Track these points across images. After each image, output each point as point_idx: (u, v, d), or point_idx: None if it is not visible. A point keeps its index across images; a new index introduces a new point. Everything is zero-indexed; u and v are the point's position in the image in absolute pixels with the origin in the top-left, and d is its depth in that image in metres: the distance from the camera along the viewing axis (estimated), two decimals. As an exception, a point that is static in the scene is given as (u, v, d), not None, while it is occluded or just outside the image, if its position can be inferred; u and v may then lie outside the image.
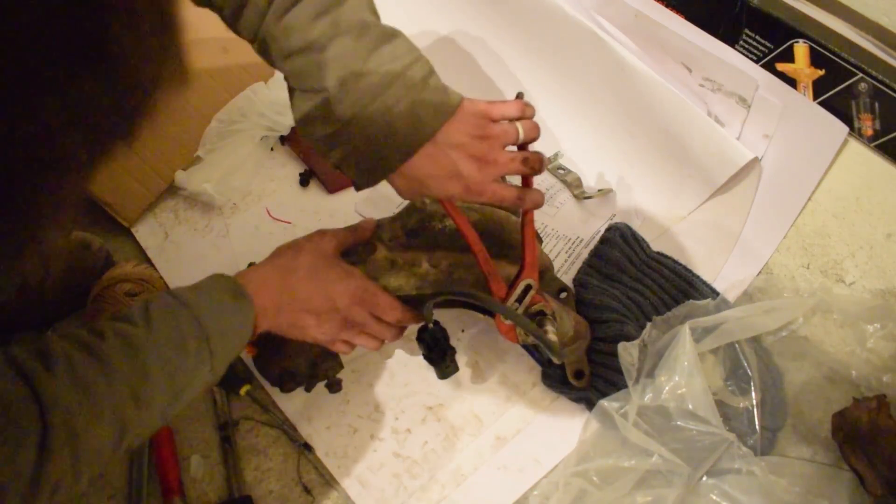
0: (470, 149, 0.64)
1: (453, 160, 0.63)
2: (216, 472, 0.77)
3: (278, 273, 0.68)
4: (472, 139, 0.64)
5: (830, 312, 0.82)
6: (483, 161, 0.64)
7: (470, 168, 0.64)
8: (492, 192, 0.65)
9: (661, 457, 0.70)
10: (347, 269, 0.70)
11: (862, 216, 0.88)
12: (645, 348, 0.77)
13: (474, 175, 0.64)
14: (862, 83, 0.85)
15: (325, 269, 0.69)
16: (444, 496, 0.75)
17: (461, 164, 0.63)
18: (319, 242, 0.71)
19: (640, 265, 0.87)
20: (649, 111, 0.89)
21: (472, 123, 0.64)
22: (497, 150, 0.65)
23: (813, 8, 0.89)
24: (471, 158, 0.64)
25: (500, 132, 0.65)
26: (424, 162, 0.63)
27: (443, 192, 0.65)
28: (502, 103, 0.66)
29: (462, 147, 0.63)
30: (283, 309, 0.66)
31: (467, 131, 0.63)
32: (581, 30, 0.90)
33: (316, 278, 0.68)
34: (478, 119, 0.64)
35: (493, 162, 0.65)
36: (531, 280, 0.70)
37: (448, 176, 0.64)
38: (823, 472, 0.73)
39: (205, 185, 0.93)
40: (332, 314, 0.68)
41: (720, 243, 0.88)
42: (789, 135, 0.88)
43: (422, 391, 0.81)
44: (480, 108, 0.65)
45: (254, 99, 0.97)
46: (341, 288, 0.69)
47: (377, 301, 0.70)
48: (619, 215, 0.91)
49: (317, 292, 0.68)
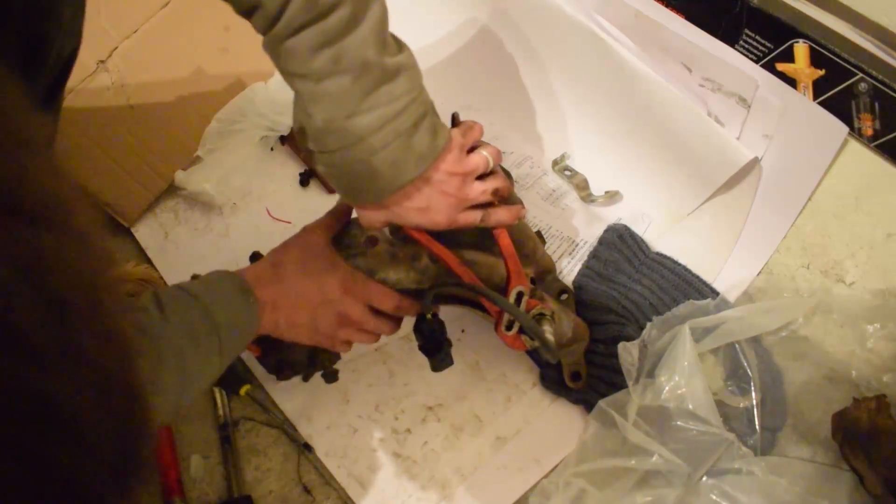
0: (444, 186, 0.65)
1: (426, 197, 0.65)
2: (216, 472, 0.77)
3: (270, 269, 0.68)
4: (448, 177, 0.65)
5: (830, 312, 0.82)
6: (455, 197, 0.66)
7: (441, 204, 0.66)
8: (459, 222, 0.68)
9: (661, 457, 0.70)
10: (334, 261, 0.70)
11: (862, 216, 0.88)
12: (645, 348, 0.77)
13: (446, 210, 0.66)
14: (862, 83, 0.85)
15: (312, 261, 0.69)
16: (444, 496, 0.75)
17: (433, 201, 0.65)
18: (307, 237, 0.71)
19: (640, 266, 0.87)
20: (649, 111, 0.89)
21: (450, 161, 0.65)
22: (469, 185, 0.67)
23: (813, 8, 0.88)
24: (444, 195, 0.65)
25: (473, 167, 0.67)
26: (398, 196, 0.64)
27: (411, 224, 0.67)
28: (471, 129, 0.69)
29: (438, 184, 0.65)
30: (278, 304, 0.66)
31: (445, 169, 0.65)
32: (581, 30, 0.90)
33: (305, 270, 0.68)
34: (455, 154, 0.66)
35: (465, 197, 0.67)
36: (521, 287, 0.71)
37: (418, 210, 0.66)
38: (823, 472, 0.73)
39: (205, 185, 0.93)
40: (325, 307, 0.68)
41: (720, 243, 0.88)
42: (789, 135, 0.88)
43: (422, 391, 0.81)
44: (458, 140, 0.66)
45: (254, 99, 0.97)
46: (330, 278, 0.69)
47: (369, 289, 0.70)
48: (626, 219, 0.91)
49: (307, 285, 0.68)
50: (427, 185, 0.64)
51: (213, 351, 0.59)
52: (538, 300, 0.72)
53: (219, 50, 1.00)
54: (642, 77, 0.87)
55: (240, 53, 1.00)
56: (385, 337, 0.83)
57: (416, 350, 0.83)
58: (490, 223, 0.70)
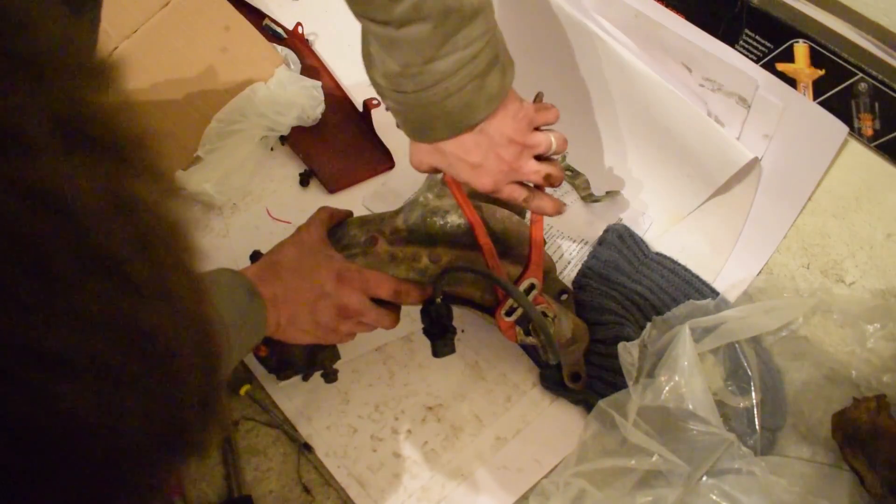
0: (502, 150, 0.65)
1: (483, 154, 0.65)
2: (216, 472, 0.77)
3: (268, 268, 0.68)
4: (509, 142, 0.65)
5: (830, 312, 0.82)
6: (510, 165, 0.66)
7: (494, 167, 0.66)
8: (504, 192, 0.68)
9: (661, 457, 0.70)
10: (328, 254, 0.70)
11: (862, 216, 0.88)
12: (645, 348, 0.77)
13: (496, 174, 0.66)
14: (862, 83, 0.85)
15: (307, 257, 0.69)
16: (444, 496, 0.75)
17: (488, 161, 0.65)
18: (301, 235, 0.71)
19: (639, 266, 0.87)
20: (649, 111, 0.89)
21: (516, 127, 0.65)
22: (526, 158, 0.67)
23: (813, 8, 0.89)
24: (499, 159, 0.66)
25: (535, 143, 0.67)
26: (457, 145, 0.65)
27: (461, 176, 0.67)
28: (546, 111, 0.69)
29: (498, 146, 0.65)
30: (278, 302, 0.66)
31: (508, 133, 0.65)
32: (581, 30, 0.90)
33: (300, 267, 0.68)
34: (522, 123, 0.66)
35: (518, 169, 0.67)
36: (535, 279, 0.71)
37: (472, 165, 0.66)
38: (823, 472, 0.73)
39: (205, 185, 0.93)
40: (323, 301, 0.68)
41: (720, 243, 0.88)
42: (789, 135, 0.88)
43: (422, 391, 0.81)
44: (529, 113, 0.67)
45: (254, 99, 0.97)
46: (325, 271, 0.68)
47: (365, 277, 0.69)
48: (627, 218, 0.91)
49: (304, 281, 0.68)
50: (487, 142, 0.65)
51: None
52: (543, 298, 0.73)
53: (219, 50, 1.00)
54: (642, 77, 0.87)
55: (240, 53, 0.99)
56: (387, 336, 0.83)
57: (417, 350, 0.83)
58: (531, 206, 0.70)
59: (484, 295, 0.73)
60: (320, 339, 0.70)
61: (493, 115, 0.64)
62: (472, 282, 0.74)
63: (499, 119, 0.65)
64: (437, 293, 0.71)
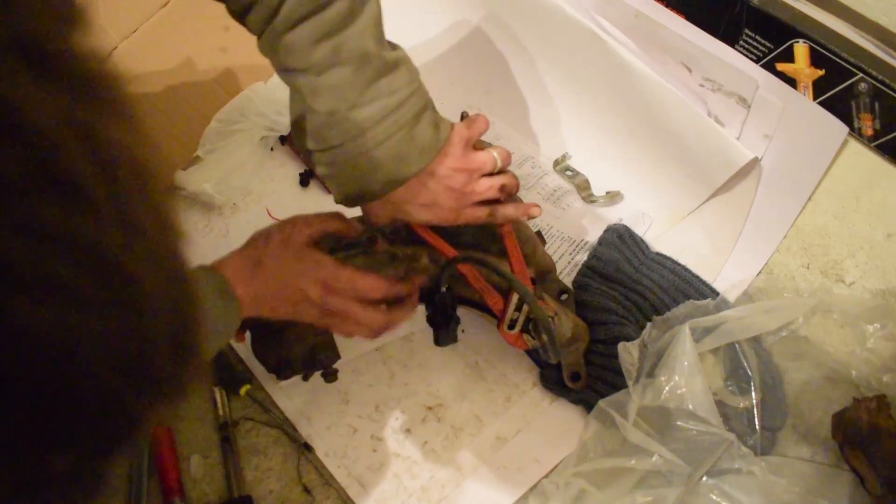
0: (449, 181, 0.65)
1: (432, 192, 0.65)
2: (216, 472, 0.77)
3: (249, 264, 0.65)
4: (453, 172, 0.65)
5: (830, 312, 0.82)
6: (461, 193, 0.66)
7: (448, 198, 0.65)
8: (465, 217, 0.67)
9: (661, 457, 0.70)
10: (317, 259, 0.67)
11: (862, 216, 0.88)
12: (645, 348, 0.77)
13: (452, 204, 0.66)
14: (862, 83, 0.85)
15: (292, 262, 0.66)
16: (444, 496, 0.75)
17: (439, 196, 0.65)
18: (291, 232, 0.68)
19: (640, 266, 0.87)
20: (649, 111, 0.89)
21: (455, 156, 0.65)
22: (475, 181, 0.67)
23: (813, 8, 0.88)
24: (449, 190, 0.65)
25: (480, 163, 0.67)
26: (403, 192, 0.64)
27: (417, 219, 0.67)
28: (474, 122, 0.68)
29: (443, 179, 0.65)
30: (259, 299, 0.64)
31: (450, 164, 0.65)
32: (581, 30, 0.90)
33: (283, 271, 0.66)
34: (460, 150, 0.65)
35: (471, 192, 0.67)
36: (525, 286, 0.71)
37: (424, 205, 0.65)
38: (823, 472, 0.73)
39: (205, 185, 0.93)
40: (305, 305, 0.66)
41: (720, 243, 0.88)
42: (789, 135, 0.88)
43: (422, 391, 0.81)
44: (463, 135, 0.66)
45: (254, 99, 0.97)
46: (310, 280, 0.66)
47: (354, 285, 0.66)
48: (626, 219, 0.91)
49: (286, 285, 0.66)
50: (432, 180, 0.64)
51: None
52: (540, 300, 0.73)
53: (219, 50, 1.00)
54: (642, 77, 0.87)
55: (239, 53, 0.99)
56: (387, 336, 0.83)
57: (417, 350, 0.83)
58: (498, 219, 0.70)
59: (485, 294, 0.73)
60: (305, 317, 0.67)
61: (431, 160, 0.64)
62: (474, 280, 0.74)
63: (437, 158, 0.64)
64: (442, 281, 0.71)
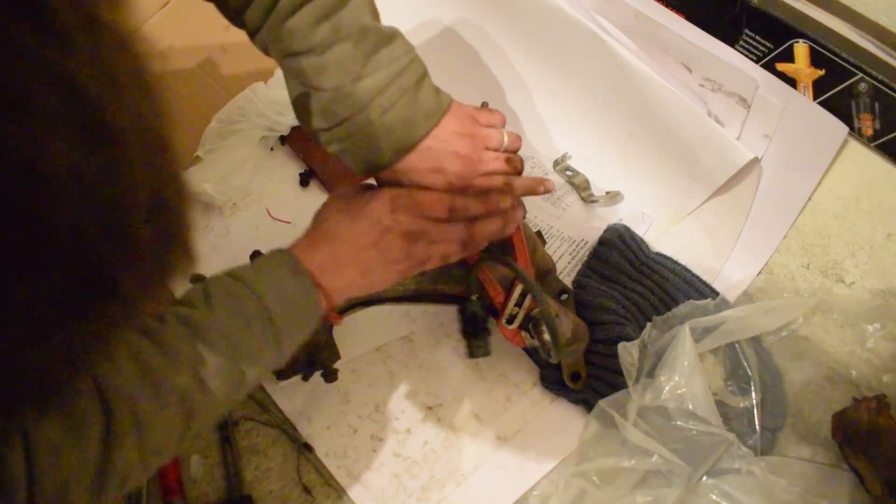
0: (455, 146, 0.65)
1: (438, 156, 0.65)
2: (216, 472, 0.77)
3: (315, 233, 0.65)
4: (457, 137, 0.66)
5: (830, 312, 0.82)
6: (467, 158, 0.66)
7: (454, 164, 0.66)
8: (481, 182, 0.67)
9: (661, 457, 0.70)
10: (372, 193, 0.67)
11: (862, 216, 0.88)
12: (645, 348, 0.77)
13: (458, 170, 0.66)
14: (862, 83, 0.85)
15: (354, 201, 0.66)
16: (444, 496, 0.75)
17: (445, 160, 0.65)
18: (338, 191, 0.68)
19: (640, 266, 0.87)
20: (649, 111, 0.89)
21: (460, 123, 0.66)
22: (481, 150, 0.67)
23: (813, 8, 0.89)
24: (455, 156, 0.66)
25: (485, 134, 0.67)
26: (411, 160, 0.65)
27: (424, 185, 0.66)
28: (489, 112, 0.70)
29: (447, 143, 0.65)
30: (341, 262, 0.63)
31: (454, 129, 0.66)
32: (581, 30, 0.90)
33: (350, 212, 0.65)
34: (465, 120, 0.67)
35: (478, 160, 0.67)
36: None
37: (431, 170, 0.65)
38: (823, 472, 0.73)
39: (205, 185, 0.93)
40: (385, 235, 0.64)
41: (720, 243, 0.88)
42: (789, 135, 0.88)
43: (422, 391, 0.81)
44: (468, 111, 0.68)
45: (254, 99, 0.97)
46: (376, 204, 0.65)
47: (417, 200, 0.65)
48: (626, 219, 0.91)
49: (356, 226, 0.64)
50: (436, 143, 0.65)
51: (268, 342, 0.57)
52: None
53: (219, 50, 1.00)
54: (642, 77, 0.87)
55: (239, 53, 1.00)
56: (387, 336, 0.83)
57: (417, 350, 0.83)
58: (516, 189, 0.69)
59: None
60: (402, 273, 0.66)
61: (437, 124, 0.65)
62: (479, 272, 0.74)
63: (441, 123, 0.65)
64: (472, 290, 0.71)
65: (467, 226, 0.67)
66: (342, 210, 0.66)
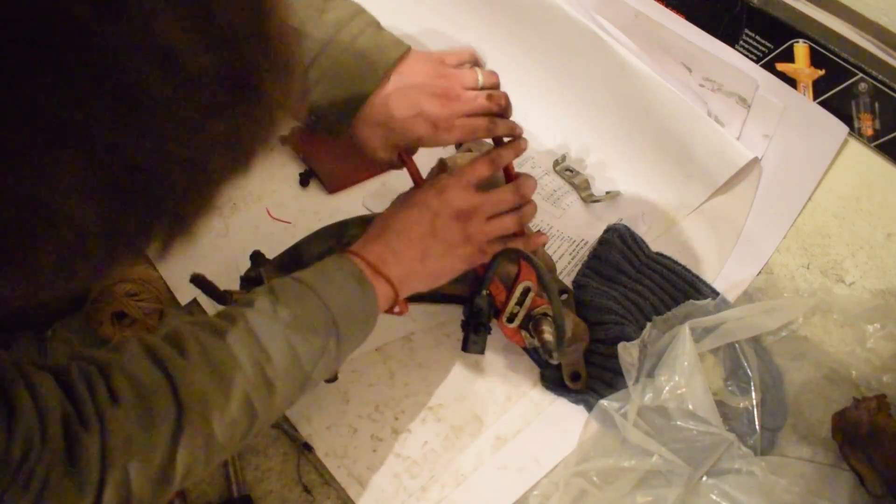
0: (430, 87, 0.65)
1: (416, 99, 0.65)
2: (216, 472, 0.77)
3: (372, 231, 0.67)
4: (431, 78, 0.66)
5: (830, 312, 0.82)
6: (445, 97, 0.66)
7: (433, 105, 0.65)
8: (460, 126, 0.66)
9: (661, 457, 0.70)
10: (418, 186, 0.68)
11: (862, 216, 0.88)
12: (645, 348, 0.77)
13: (439, 111, 0.65)
14: (862, 83, 0.85)
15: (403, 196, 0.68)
16: (444, 496, 0.75)
17: (424, 103, 0.65)
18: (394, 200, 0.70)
19: (640, 266, 0.87)
20: (649, 111, 0.89)
21: (429, 65, 0.67)
22: (458, 88, 0.66)
23: (813, 8, 0.89)
24: (433, 96, 0.65)
25: (458, 74, 0.67)
26: (387, 103, 0.65)
27: (411, 134, 0.66)
28: (455, 52, 0.69)
29: (422, 86, 0.65)
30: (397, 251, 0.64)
31: (425, 71, 0.66)
32: (581, 30, 0.90)
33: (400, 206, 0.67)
34: (433, 63, 0.67)
35: (456, 98, 0.66)
36: (529, 282, 0.71)
37: (412, 116, 0.65)
38: (823, 472, 0.73)
39: (205, 185, 0.93)
40: (437, 219, 0.65)
41: (720, 243, 0.88)
42: (789, 135, 0.88)
43: (422, 391, 0.81)
44: (434, 55, 0.68)
45: (254, 99, 0.97)
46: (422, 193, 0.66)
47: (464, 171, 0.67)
48: (626, 219, 0.91)
49: (409, 212, 0.66)
50: (413, 88, 0.65)
51: (329, 347, 0.58)
52: (540, 299, 0.73)
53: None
54: (642, 77, 0.87)
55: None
56: (387, 336, 0.83)
57: (417, 350, 0.83)
58: (498, 130, 0.68)
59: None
60: (465, 259, 0.67)
61: (404, 61, 0.66)
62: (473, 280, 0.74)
63: (410, 64, 0.66)
64: (484, 285, 0.70)
65: (516, 189, 0.68)
66: (394, 206, 0.68)
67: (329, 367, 0.59)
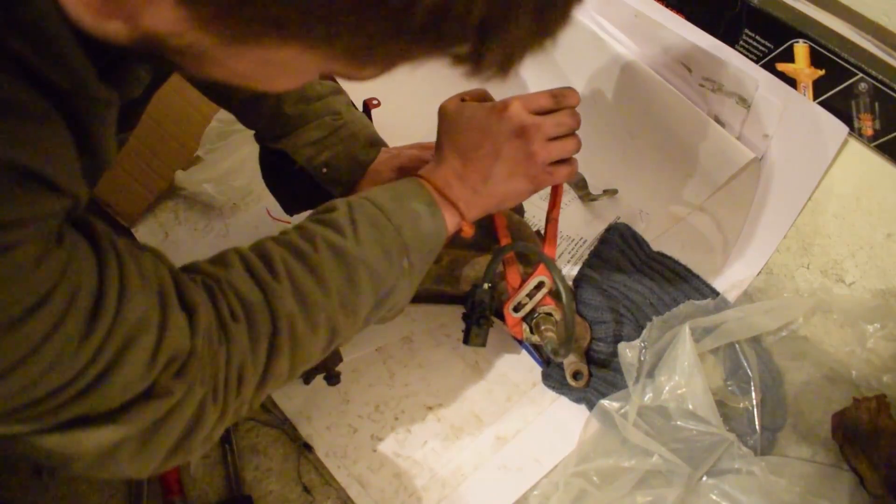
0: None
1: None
2: (216, 472, 0.77)
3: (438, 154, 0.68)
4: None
5: (830, 312, 0.82)
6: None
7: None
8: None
9: (661, 457, 0.70)
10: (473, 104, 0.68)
11: (862, 216, 0.88)
12: (645, 348, 0.77)
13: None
14: (862, 83, 0.85)
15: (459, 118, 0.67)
16: (444, 496, 0.75)
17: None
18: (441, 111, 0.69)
19: (640, 265, 0.87)
20: (649, 111, 0.89)
21: None
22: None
23: (813, 8, 0.88)
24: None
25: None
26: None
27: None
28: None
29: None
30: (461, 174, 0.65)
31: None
32: (581, 30, 0.90)
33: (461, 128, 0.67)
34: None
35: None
36: (544, 277, 0.71)
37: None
38: (823, 472, 0.73)
39: (205, 185, 0.93)
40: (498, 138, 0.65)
41: (720, 243, 0.88)
42: (789, 135, 0.87)
43: (422, 391, 0.81)
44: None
45: (254, 99, 0.97)
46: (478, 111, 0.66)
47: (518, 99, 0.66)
48: (624, 217, 0.91)
49: (469, 135, 0.66)
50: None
51: (403, 273, 0.60)
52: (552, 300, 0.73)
53: (219, 50, 1.00)
54: (642, 77, 0.87)
55: (240, 53, 0.99)
56: (387, 336, 0.83)
57: (417, 350, 0.83)
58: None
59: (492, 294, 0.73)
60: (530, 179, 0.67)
61: None
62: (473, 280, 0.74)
63: None
64: (486, 277, 0.71)
65: (574, 113, 0.68)
66: (450, 124, 0.67)
67: (404, 291, 0.61)
